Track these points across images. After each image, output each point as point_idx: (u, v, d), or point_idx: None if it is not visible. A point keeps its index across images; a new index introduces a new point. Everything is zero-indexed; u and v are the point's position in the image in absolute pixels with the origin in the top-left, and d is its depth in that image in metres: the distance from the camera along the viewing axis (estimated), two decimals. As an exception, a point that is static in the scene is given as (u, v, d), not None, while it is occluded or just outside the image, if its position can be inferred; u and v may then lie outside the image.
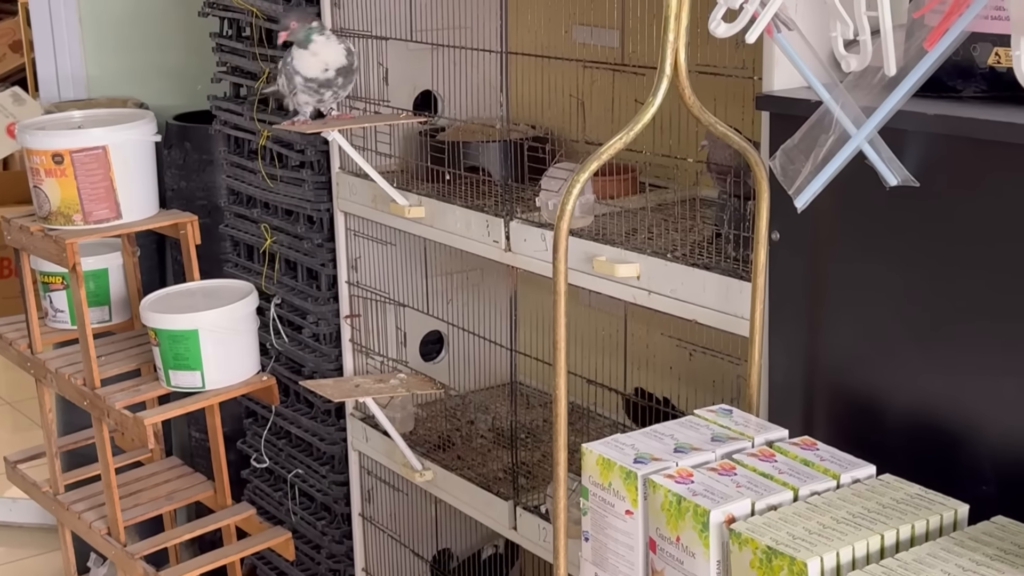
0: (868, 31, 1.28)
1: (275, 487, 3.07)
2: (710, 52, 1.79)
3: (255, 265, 2.99)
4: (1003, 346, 1.41)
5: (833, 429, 1.62)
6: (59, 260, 2.65)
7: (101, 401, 2.61)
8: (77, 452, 3.08)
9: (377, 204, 2.54)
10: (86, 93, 3.56)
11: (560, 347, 1.57)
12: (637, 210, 2.10)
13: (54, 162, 2.65)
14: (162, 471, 2.95)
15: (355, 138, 2.59)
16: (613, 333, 2.39)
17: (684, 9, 1.48)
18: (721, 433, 1.56)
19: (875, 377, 1.56)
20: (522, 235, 2.17)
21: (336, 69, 2.33)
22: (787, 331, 1.67)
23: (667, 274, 1.88)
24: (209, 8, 3.00)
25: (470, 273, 2.79)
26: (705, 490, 1.41)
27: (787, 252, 1.65)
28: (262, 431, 3.05)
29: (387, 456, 2.65)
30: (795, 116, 1.52)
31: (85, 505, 2.82)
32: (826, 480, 1.43)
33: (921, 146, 1.45)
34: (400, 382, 2.53)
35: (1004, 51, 1.43)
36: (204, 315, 2.60)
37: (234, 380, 2.66)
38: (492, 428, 2.65)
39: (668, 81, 1.51)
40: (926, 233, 1.47)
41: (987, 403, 1.43)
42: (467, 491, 2.41)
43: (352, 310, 2.75)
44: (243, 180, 2.97)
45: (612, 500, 1.50)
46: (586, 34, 2.45)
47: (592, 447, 1.53)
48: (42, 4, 3.50)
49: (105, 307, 2.95)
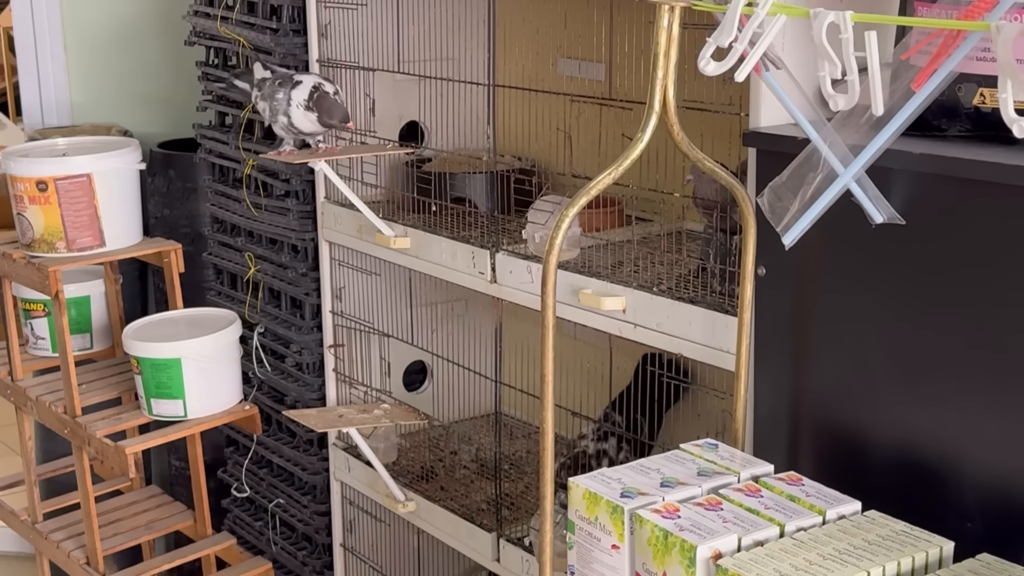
0: (856, 70, 1.30)
1: (256, 517, 3.05)
2: (697, 88, 1.81)
3: (238, 294, 2.99)
4: (988, 382, 1.42)
5: (818, 464, 1.62)
6: (42, 288, 2.64)
7: (82, 429, 2.60)
8: (56, 480, 3.05)
9: (362, 234, 2.54)
10: (70, 120, 3.55)
11: (548, 380, 1.57)
12: (622, 243, 2.11)
13: (38, 189, 2.64)
14: (142, 500, 2.93)
15: (341, 168, 2.59)
16: (598, 365, 2.40)
17: (673, 46, 1.50)
18: (707, 468, 1.56)
19: (860, 413, 1.56)
20: (508, 267, 2.18)
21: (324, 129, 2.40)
22: (773, 366, 1.68)
23: (653, 307, 1.89)
24: (196, 37, 3.01)
25: (454, 304, 2.79)
26: (692, 525, 1.41)
27: (773, 287, 1.66)
28: (243, 460, 3.03)
29: (369, 486, 2.64)
30: (781, 153, 1.54)
31: (64, 534, 2.80)
32: (812, 516, 1.43)
33: (906, 184, 1.46)
34: (384, 412, 2.53)
35: (989, 91, 1.45)
36: (187, 344, 2.59)
37: (217, 409, 2.65)
38: (475, 459, 2.64)
39: (657, 117, 1.52)
40: (912, 270, 1.48)
41: (972, 440, 1.44)
42: (450, 522, 2.41)
43: (336, 340, 2.75)
44: (227, 208, 2.97)
45: (598, 534, 1.50)
46: (573, 67, 2.47)
47: (579, 481, 1.53)
48: (27, 30, 3.50)
49: (87, 335, 2.94)
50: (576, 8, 2.39)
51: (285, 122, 2.38)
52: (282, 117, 2.38)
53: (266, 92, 2.41)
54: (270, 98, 2.39)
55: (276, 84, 2.41)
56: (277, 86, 2.40)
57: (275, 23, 2.69)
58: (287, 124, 2.38)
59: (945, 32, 1.26)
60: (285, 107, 2.37)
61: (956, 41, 1.23)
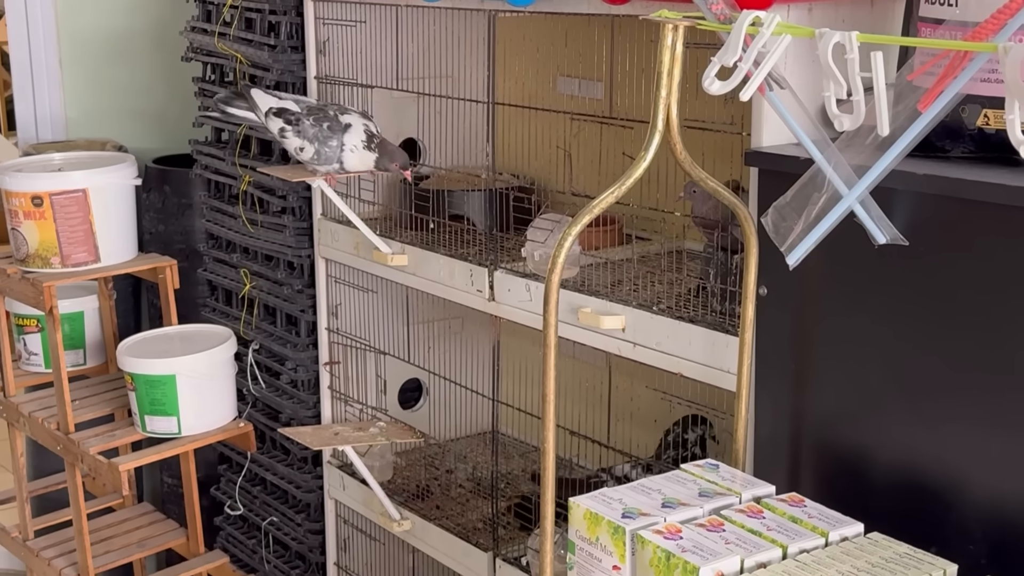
0: (862, 91, 1.29)
1: (249, 535, 3.03)
2: (699, 107, 1.81)
3: (233, 310, 2.97)
4: (990, 404, 1.41)
5: (819, 485, 1.62)
6: (36, 303, 2.62)
7: (75, 446, 2.58)
8: (47, 497, 3.03)
9: (359, 251, 2.53)
10: (65, 135, 3.54)
11: (549, 400, 1.56)
12: (622, 261, 2.10)
13: (33, 204, 2.63)
14: (134, 517, 2.91)
15: (338, 184, 2.58)
16: (597, 385, 2.39)
17: (676, 65, 1.50)
18: (708, 488, 1.55)
19: (862, 434, 1.56)
20: (506, 285, 2.17)
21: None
22: (774, 386, 1.67)
23: (653, 327, 1.88)
24: (193, 53, 3.00)
25: (451, 321, 2.78)
26: (694, 546, 1.40)
27: (775, 307, 1.65)
28: (237, 477, 3.01)
29: (364, 505, 2.63)
30: (784, 172, 1.53)
31: (55, 551, 2.78)
32: (814, 538, 1.43)
33: (910, 205, 1.46)
34: (380, 430, 2.52)
35: (993, 113, 1.45)
36: (182, 360, 2.58)
37: (211, 426, 2.64)
38: (471, 478, 2.63)
39: (660, 136, 1.52)
40: (914, 291, 1.48)
41: (975, 461, 1.43)
42: (445, 541, 2.39)
43: (332, 357, 2.74)
44: (223, 224, 2.96)
45: (599, 555, 1.49)
46: (572, 86, 2.47)
47: (579, 501, 1.52)
48: (22, 45, 3.49)
49: (80, 350, 2.92)
50: (577, 27, 2.39)
51: (337, 167, 2.35)
52: (335, 164, 2.34)
53: (309, 134, 2.34)
54: (318, 141, 2.33)
55: (323, 127, 2.34)
56: (327, 130, 2.34)
57: (273, 39, 2.69)
58: (339, 168, 2.35)
59: (951, 53, 1.26)
60: (339, 153, 2.34)
61: (963, 62, 1.23)
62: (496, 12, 2.17)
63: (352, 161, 2.34)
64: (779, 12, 1.41)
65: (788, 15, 1.65)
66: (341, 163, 2.34)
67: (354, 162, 2.34)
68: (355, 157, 2.34)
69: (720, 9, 1.43)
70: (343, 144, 2.33)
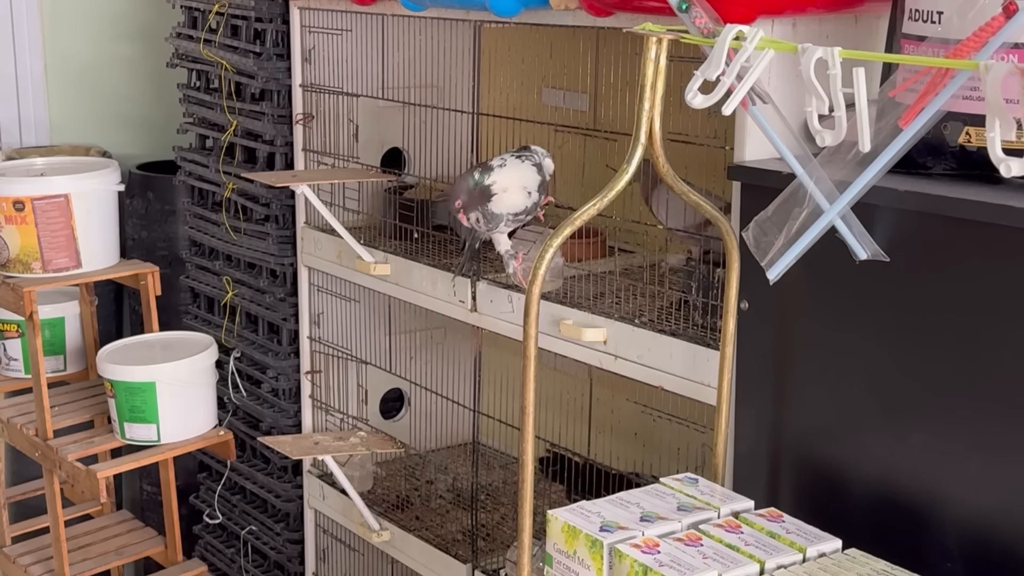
0: (843, 107, 1.30)
1: (227, 543, 3.01)
2: (682, 120, 1.81)
3: (215, 318, 2.96)
4: (968, 422, 1.41)
5: (799, 501, 1.61)
6: (16, 308, 2.61)
7: (53, 452, 2.56)
8: (25, 503, 3.01)
9: (342, 260, 2.53)
10: (48, 140, 3.53)
11: (528, 411, 1.56)
12: (604, 274, 2.10)
13: (15, 209, 2.62)
14: (112, 525, 2.90)
15: (322, 193, 2.58)
16: (578, 397, 2.38)
17: (660, 78, 1.50)
18: (687, 502, 1.55)
19: (841, 450, 1.56)
20: (489, 296, 2.17)
21: (536, 186, 2.09)
22: (754, 401, 1.67)
23: (634, 339, 1.88)
24: (178, 59, 2.99)
25: (433, 331, 2.77)
26: (672, 561, 1.39)
27: (756, 322, 1.65)
28: (216, 486, 3.00)
29: (344, 515, 2.62)
30: (766, 187, 1.53)
31: (32, 558, 2.76)
32: (792, 553, 1.42)
33: (891, 221, 1.46)
34: (360, 440, 2.51)
35: (975, 130, 1.45)
36: (162, 367, 2.56)
37: (191, 434, 2.62)
38: (451, 488, 2.62)
39: (643, 149, 1.52)
40: (895, 307, 1.48)
41: (953, 479, 1.43)
42: (424, 552, 2.38)
43: (313, 366, 2.73)
44: (206, 232, 2.95)
45: (577, 568, 1.48)
46: (557, 97, 2.47)
47: (557, 513, 1.51)
48: (6, 50, 3.48)
49: (60, 356, 2.90)
50: (562, 39, 2.39)
51: (510, 217, 2.09)
52: (503, 220, 2.09)
53: (466, 215, 2.10)
54: (473, 220, 2.10)
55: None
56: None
57: (258, 47, 2.68)
58: (511, 218, 2.09)
59: (933, 70, 1.26)
60: (488, 209, 2.08)
61: (944, 79, 1.23)
62: (482, 23, 2.17)
63: (502, 203, 2.09)
64: (763, 27, 1.41)
65: (772, 30, 1.66)
66: (503, 215, 2.10)
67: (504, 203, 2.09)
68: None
69: (704, 23, 1.43)
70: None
